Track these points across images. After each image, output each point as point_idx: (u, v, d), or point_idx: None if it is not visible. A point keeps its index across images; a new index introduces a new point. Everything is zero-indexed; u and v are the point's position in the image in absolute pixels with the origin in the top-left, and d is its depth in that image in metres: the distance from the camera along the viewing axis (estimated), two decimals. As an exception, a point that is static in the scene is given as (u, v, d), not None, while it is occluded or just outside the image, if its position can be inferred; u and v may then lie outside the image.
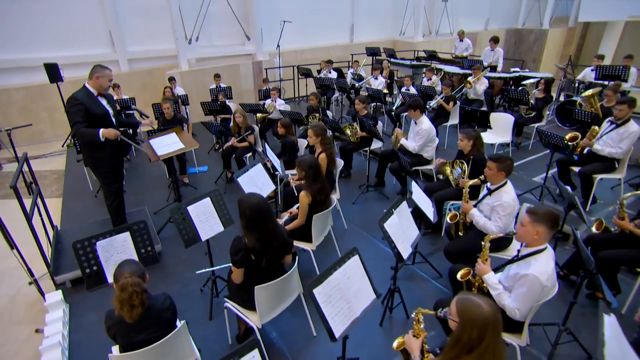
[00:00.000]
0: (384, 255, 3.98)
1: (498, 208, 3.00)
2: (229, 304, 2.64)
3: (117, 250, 2.44)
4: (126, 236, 2.47)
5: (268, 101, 6.76)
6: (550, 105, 6.26)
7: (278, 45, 9.04)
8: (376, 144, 5.60)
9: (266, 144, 4.31)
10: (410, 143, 4.74)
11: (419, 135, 4.69)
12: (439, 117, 6.24)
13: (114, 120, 3.70)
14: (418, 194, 3.33)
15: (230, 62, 9.46)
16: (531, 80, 6.56)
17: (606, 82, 6.19)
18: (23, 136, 8.07)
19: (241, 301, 2.59)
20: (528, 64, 12.85)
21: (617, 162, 4.16)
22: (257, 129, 5.57)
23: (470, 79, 6.83)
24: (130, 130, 5.89)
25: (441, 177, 4.49)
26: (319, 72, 9.19)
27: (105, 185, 3.86)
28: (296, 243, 3.34)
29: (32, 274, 3.19)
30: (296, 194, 3.95)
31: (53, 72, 7.20)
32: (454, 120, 6.40)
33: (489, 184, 3.21)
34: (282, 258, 2.56)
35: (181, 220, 2.78)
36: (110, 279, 2.41)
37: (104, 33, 8.79)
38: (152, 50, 9.32)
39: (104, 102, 3.64)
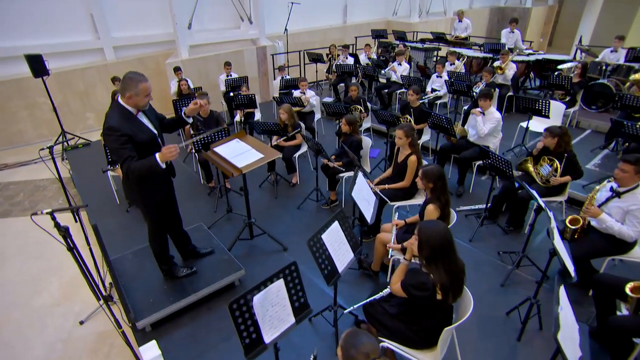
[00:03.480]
0: (482, 260, 3.77)
1: (637, 212, 2.85)
2: (388, 343, 2.30)
3: (271, 304, 2.00)
4: (280, 284, 2.03)
5: (297, 92, 6.22)
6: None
7: (286, 29, 8.37)
8: (424, 137, 5.32)
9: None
10: (483, 128, 4.51)
11: (490, 121, 4.49)
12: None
13: (160, 141, 2.82)
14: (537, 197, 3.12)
15: (229, 48, 8.65)
16: (568, 65, 6.51)
17: (636, 65, 6.25)
18: (-1, 138, 6.99)
19: (407, 341, 2.28)
20: (493, 40, 13.03)
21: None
22: (303, 125, 5.08)
23: (498, 63, 6.67)
24: None
25: (519, 174, 4.31)
26: (328, 56, 8.65)
27: (156, 225, 3.05)
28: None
29: (119, 325, 2.63)
30: (387, 201, 3.62)
31: (37, 64, 6.16)
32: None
33: (614, 185, 3.04)
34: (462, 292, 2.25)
35: (319, 253, 2.36)
36: (267, 339, 1.97)
37: (85, 17, 7.67)
38: (141, 37, 8.31)
39: (145, 120, 2.74)
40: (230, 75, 7.17)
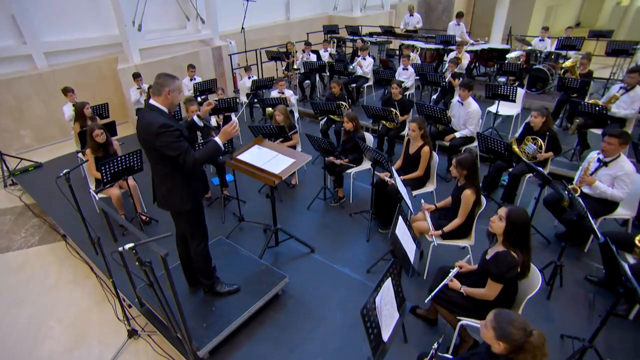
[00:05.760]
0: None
1: (623, 177, 3.40)
2: (468, 321, 2.49)
3: (384, 302, 2.05)
4: (389, 283, 2.08)
5: (274, 92, 6.12)
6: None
7: (242, 28, 8.09)
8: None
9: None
10: (465, 131, 4.90)
11: (472, 117, 4.90)
12: (447, 93, 6.53)
13: None
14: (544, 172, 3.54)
15: (179, 50, 8.11)
16: (515, 54, 7.31)
17: (564, 52, 7.27)
18: None
19: (485, 315, 2.48)
20: (438, 32, 14.19)
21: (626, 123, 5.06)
22: (298, 126, 5.03)
23: (454, 54, 7.26)
24: None
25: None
26: (285, 54, 8.57)
27: (200, 231, 2.87)
28: (455, 242, 3.27)
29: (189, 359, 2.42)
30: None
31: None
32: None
33: (600, 156, 3.58)
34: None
35: (397, 247, 2.45)
36: (385, 338, 2.02)
37: (4, 18, 6.63)
38: (78, 40, 7.43)
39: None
40: (195, 79, 6.77)
